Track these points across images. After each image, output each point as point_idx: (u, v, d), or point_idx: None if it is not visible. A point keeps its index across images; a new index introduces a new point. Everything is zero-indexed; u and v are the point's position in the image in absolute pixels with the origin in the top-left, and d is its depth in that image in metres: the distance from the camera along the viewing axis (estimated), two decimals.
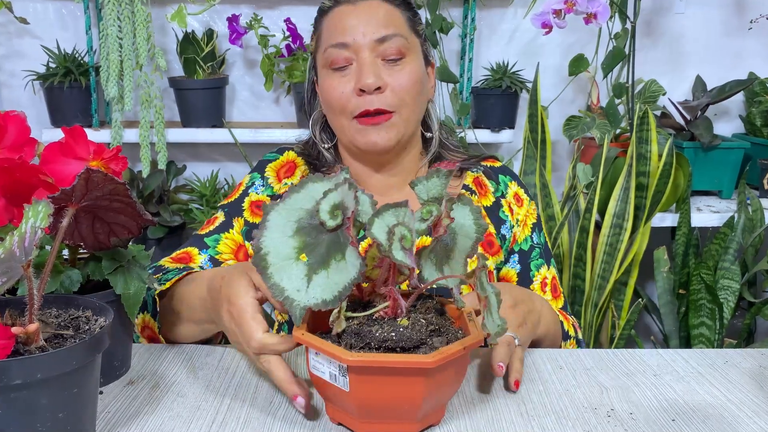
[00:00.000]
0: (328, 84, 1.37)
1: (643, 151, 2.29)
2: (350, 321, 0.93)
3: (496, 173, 1.52)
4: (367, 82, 1.32)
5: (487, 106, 2.57)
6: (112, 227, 1.03)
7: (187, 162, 2.72)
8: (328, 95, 1.37)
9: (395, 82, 1.34)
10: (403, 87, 1.34)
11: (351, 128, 1.36)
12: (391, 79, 1.34)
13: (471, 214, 0.96)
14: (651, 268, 2.58)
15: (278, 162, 1.52)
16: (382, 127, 1.35)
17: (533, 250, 1.48)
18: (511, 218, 1.48)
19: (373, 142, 1.35)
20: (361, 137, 1.36)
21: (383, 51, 1.34)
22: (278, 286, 0.90)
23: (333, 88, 1.36)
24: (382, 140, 1.35)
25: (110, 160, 1.02)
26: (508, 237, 1.47)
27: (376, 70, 1.33)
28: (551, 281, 1.47)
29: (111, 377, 1.09)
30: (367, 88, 1.32)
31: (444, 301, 1.02)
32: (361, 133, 1.36)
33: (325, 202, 0.91)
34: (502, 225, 1.47)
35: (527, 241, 1.48)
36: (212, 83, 2.51)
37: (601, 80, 2.56)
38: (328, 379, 0.90)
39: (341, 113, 1.36)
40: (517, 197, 1.50)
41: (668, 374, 1.15)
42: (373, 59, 1.34)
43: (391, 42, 1.34)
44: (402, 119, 1.36)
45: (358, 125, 1.35)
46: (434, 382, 0.87)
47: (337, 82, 1.35)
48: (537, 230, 1.51)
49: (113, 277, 1.03)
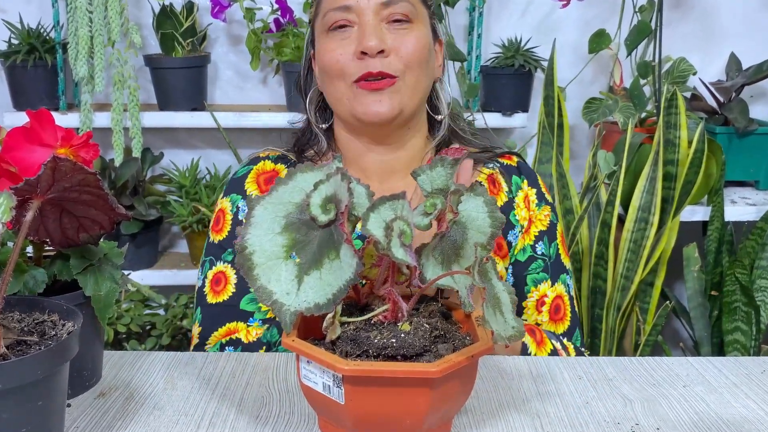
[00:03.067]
0: (325, 47, 1.38)
1: (671, 137, 2.28)
2: (346, 326, 0.93)
3: (510, 172, 1.50)
4: (370, 44, 1.32)
5: (498, 87, 2.57)
6: (81, 222, 1.03)
7: (164, 149, 2.71)
8: (325, 59, 1.37)
9: (401, 46, 1.35)
10: (409, 51, 1.35)
11: (350, 94, 1.36)
12: (396, 43, 1.35)
13: (485, 206, 0.95)
14: (680, 267, 2.57)
15: (255, 171, 1.49)
16: (384, 94, 1.34)
17: (533, 262, 1.45)
18: (519, 223, 1.47)
19: (374, 111, 1.35)
20: (361, 105, 1.35)
21: (388, 14, 1.35)
22: (265, 288, 0.90)
23: (331, 50, 1.36)
24: (385, 108, 1.35)
25: (79, 147, 1.02)
26: (514, 244, 1.46)
27: (380, 33, 1.34)
28: (552, 301, 1.44)
29: (80, 388, 1.08)
30: (370, 50, 1.32)
31: (450, 304, 1.02)
32: (361, 100, 1.35)
33: (317, 195, 0.91)
34: (510, 230, 1.46)
35: (525, 251, 1.46)
36: (192, 62, 2.51)
37: (624, 58, 2.56)
38: (321, 390, 0.90)
39: (339, 78, 1.36)
40: (526, 200, 1.48)
41: (699, 385, 1.15)
42: (377, 22, 1.35)
43: (398, 6, 1.35)
44: (407, 86, 1.36)
45: (358, 90, 1.35)
46: (439, 394, 0.88)
47: (336, 44, 1.36)
48: (547, 240, 1.47)
49: (83, 277, 1.03)
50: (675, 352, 2.84)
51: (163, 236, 2.78)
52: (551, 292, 1.45)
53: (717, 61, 2.76)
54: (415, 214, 0.94)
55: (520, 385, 1.13)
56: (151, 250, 2.61)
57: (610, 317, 2.35)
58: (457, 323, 0.99)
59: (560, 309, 1.45)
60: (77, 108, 2.51)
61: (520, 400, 1.08)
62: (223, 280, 1.43)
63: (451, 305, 1.02)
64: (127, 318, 2.31)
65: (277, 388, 1.11)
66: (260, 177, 1.49)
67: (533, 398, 1.09)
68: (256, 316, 1.40)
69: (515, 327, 0.91)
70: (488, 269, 0.91)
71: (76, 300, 1.02)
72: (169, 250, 2.82)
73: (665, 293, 2.61)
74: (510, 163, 1.52)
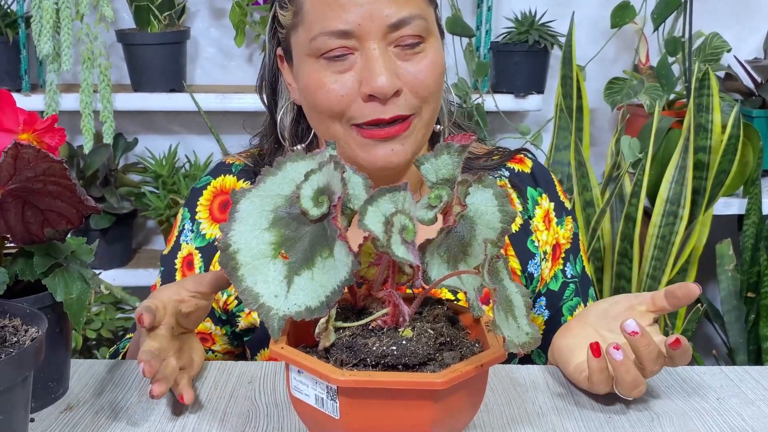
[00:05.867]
0: (316, 80, 1.24)
1: (702, 122, 2.28)
2: (341, 332, 0.93)
3: (524, 183, 1.42)
4: (380, 84, 1.20)
5: (510, 65, 2.56)
6: (46, 215, 1.03)
7: (138, 135, 2.72)
8: (317, 95, 1.25)
9: (415, 79, 1.23)
10: (424, 82, 1.24)
11: (349, 139, 1.26)
12: (409, 75, 1.23)
13: (494, 199, 0.95)
14: (713, 266, 2.58)
15: (213, 188, 1.43)
16: (397, 141, 1.25)
17: (566, 288, 1.41)
18: (540, 249, 1.40)
19: (385, 160, 1.25)
20: (367, 153, 1.25)
21: (398, 37, 1.23)
22: (251, 291, 0.90)
23: (326, 86, 1.23)
24: (398, 156, 1.25)
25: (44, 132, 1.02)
26: (536, 275, 1.39)
27: (391, 67, 1.22)
28: None
29: (45, 401, 1.09)
30: (381, 93, 1.21)
31: (457, 308, 1.02)
32: (367, 149, 1.25)
33: (308, 186, 0.91)
34: (530, 260, 1.39)
35: (558, 279, 1.40)
36: (170, 37, 2.51)
37: (650, 34, 2.56)
38: (314, 403, 0.90)
39: (334, 119, 1.25)
40: (547, 219, 1.41)
41: (734, 397, 1.15)
42: (384, 49, 1.22)
43: (410, 27, 1.23)
44: (422, 122, 1.27)
45: (362, 138, 1.25)
46: (444, 408, 0.88)
47: (333, 78, 1.23)
48: (572, 257, 1.42)
49: (50, 281, 1.03)
50: (707, 360, 2.84)
51: (138, 232, 2.78)
52: None
53: (754, 37, 2.76)
54: (418, 207, 0.94)
55: (535, 398, 1.13)
56: (124, 246, 2.61)
57: None
58: (464, 329, 0.99)
59: None
60: (42, 89, 2.51)
61: (535, 415, 1.08)
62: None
63: (459, 309, 1.02)
64: (98, 323, 2.32)
65: (264, 401, 1.11)
66: (216, 198, 1.42)
67: (550, 412, 1.09)
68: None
69: (529, 333, 0.90)
70: (499, 268, 0.90)
71: (40, 303, 1.03)
72: (144, 246, 2.82)
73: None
74: (522, 170, 1.44)
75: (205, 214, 1.41)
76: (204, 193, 1.43)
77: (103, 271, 2.48)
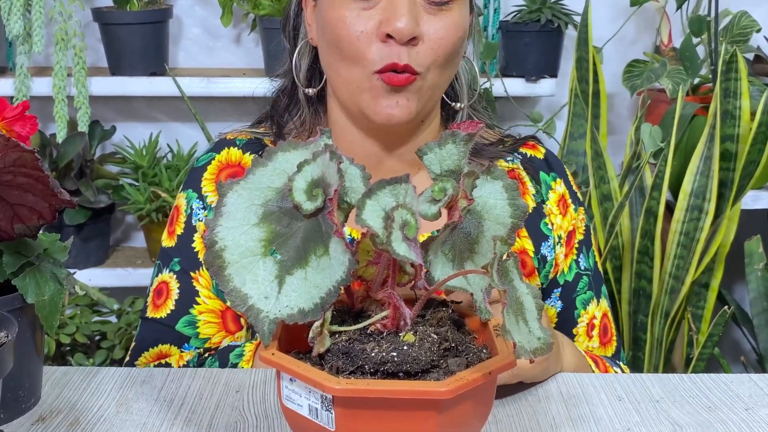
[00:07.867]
0: (338, 14, 1.30)
1: (730, 108, 2.28)
2: (337, 337, 0.93)
3: (536, 168, 1.48)
4: (400, 26, 1.25)
5: (521, 46, 2.57)
6: (16, 210, 1.03)
7: (117, 122, 2.72)
8: (338, 31, 1.30)
9: (436, 33, 1.29)
10: (442, 42, 1.29)
11: (367, 85, 1.31)
12: (429, 29, 1.29)
13: (504, 192, 0.95)
14: (741, 264, 2.58)
15: (218, 162, 1.47)
16: (402, 94, 1.30)
17: (580, 280, 1.46)
18: (554, 233, 1.46)
19: (387, 113, 1.30)
20: (376, 104, 1.31)
21: None
22: (239, 291, 0.90)
23: (348, 22, 1.29)
24: (401, 112, 1.30)
25: (14, 120, 1.02)
26: (549, 258, 1.45)
27: (415, 12, 1.27)
28: (600, 321, 1.46)
29: (15, 412, 1.09)
30: (399, 35, 1.26)
31: (463, 310, 1.02)
32: (376, 96, 1.30)
33: (300, 178, 0.91)
34: (543, 242, 1.45)
35: (572, 269, 1.46)
36: (151, 16, 2.51)
37: (673, 13, 2.56)
38: (307, 414, 0.90)
39: (355, 62, 1.30)
40: (563, 202, 1.47)
41: (764, 408, 1.15)
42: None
43: None
44: (427, 86, 1.32)
45: (378, 82, 1.29)
46: (449, 419, 0.88)
47: (355, 15, 1.29)
48: (585, 249, 1.48)
49: (21, 281, 1.03)
50: (735, 367, 2.85)
51: (116, 227, 2.79)
52: (598, 312, 1.47)
53: None
54: (421, 201, 0.94)
55: (548, 408, 1.13)
56: (101, 244, 2.61)
57: (656, 326, 2.36)
58: (471, 333, 0.99)
59: (608, 329, 1.47)
60: (11, 72, 2.51)
61: (547, 426, 1.09)
62: (165, 293, 1.43)
63: (464, 311, 1.02)
64: (72, 327, 2.31)
65: (253, 412, 1.11)
66: (222, 172, 1.45)
67: (564, 424, 1.09)
68: (192, 342, 1.40)
69: (542, 338, 0.90)
70: (509, 268, 0.90)
71: (9, 305, 1.02)
72: (122, 244, 2.82)
73: (723, 296, 2.62)
74: (535, 155, 1.50)
75: (212, 188, 1.44)
76: (208, 168, 1.47)
77: (78, 271, 2.47)
